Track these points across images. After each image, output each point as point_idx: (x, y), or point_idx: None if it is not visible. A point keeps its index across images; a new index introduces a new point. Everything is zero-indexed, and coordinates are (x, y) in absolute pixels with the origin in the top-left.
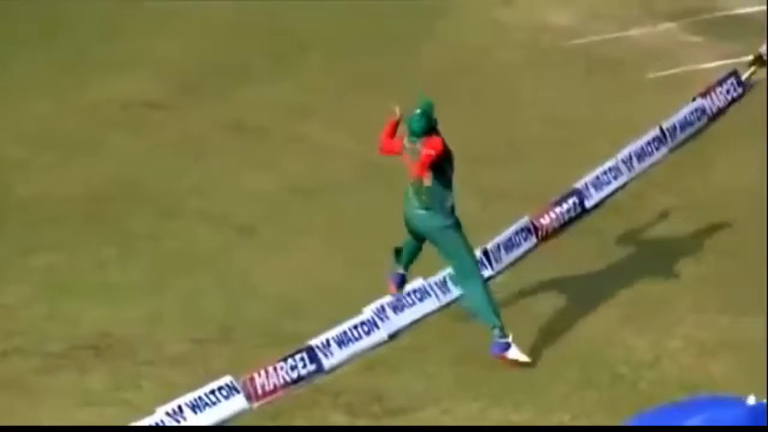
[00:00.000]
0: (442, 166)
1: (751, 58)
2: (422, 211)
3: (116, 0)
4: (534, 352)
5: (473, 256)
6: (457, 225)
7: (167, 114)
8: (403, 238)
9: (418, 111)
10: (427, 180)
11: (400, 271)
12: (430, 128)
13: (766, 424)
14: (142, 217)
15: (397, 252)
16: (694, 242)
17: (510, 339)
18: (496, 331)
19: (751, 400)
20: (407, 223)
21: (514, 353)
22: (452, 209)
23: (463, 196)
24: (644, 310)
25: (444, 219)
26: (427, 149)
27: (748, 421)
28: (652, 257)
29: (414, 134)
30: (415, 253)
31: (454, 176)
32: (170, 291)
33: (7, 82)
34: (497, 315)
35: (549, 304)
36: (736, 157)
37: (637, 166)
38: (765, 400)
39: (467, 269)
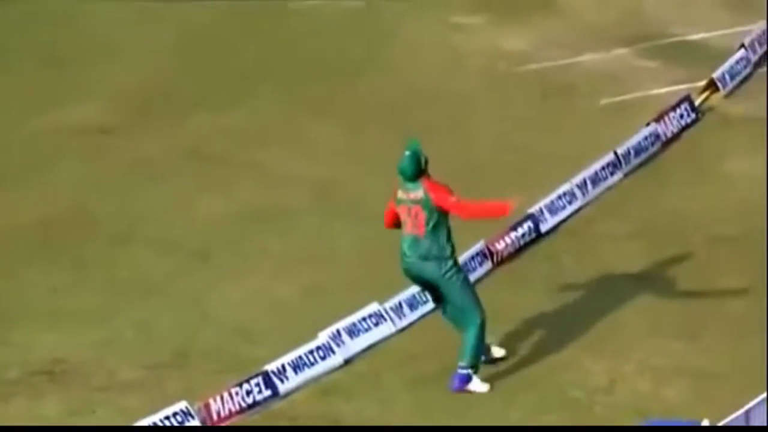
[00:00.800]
0: (445, 214)
1: (704, 83)
2: (417, 260)
3: (68, 26)
4: (489, 376)
5: (475, 298)
6: (456, 268)
7: (120, 140)
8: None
9: (407, 153)
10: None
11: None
12: (421, 170)
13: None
14: (95, 243)
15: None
16: (648, 267)
17: (472, 372)
18: (463, 363)
19: (705, 423)
20: (407, 275)
21: (475, 385)
22: (452, 252)
23: None
24: (599, 335)
25: (442, 266)
26: (439, 191)
27: None
28: (607, 282)
29: (407, 179)
30: (443, 302)
31: None
32: (124, 317)
33: None
34: (478, 358)
35: (503, 328)
36: (689, 182)
37: (592, 191)
38: (719, 424)
39: (469, 311)
